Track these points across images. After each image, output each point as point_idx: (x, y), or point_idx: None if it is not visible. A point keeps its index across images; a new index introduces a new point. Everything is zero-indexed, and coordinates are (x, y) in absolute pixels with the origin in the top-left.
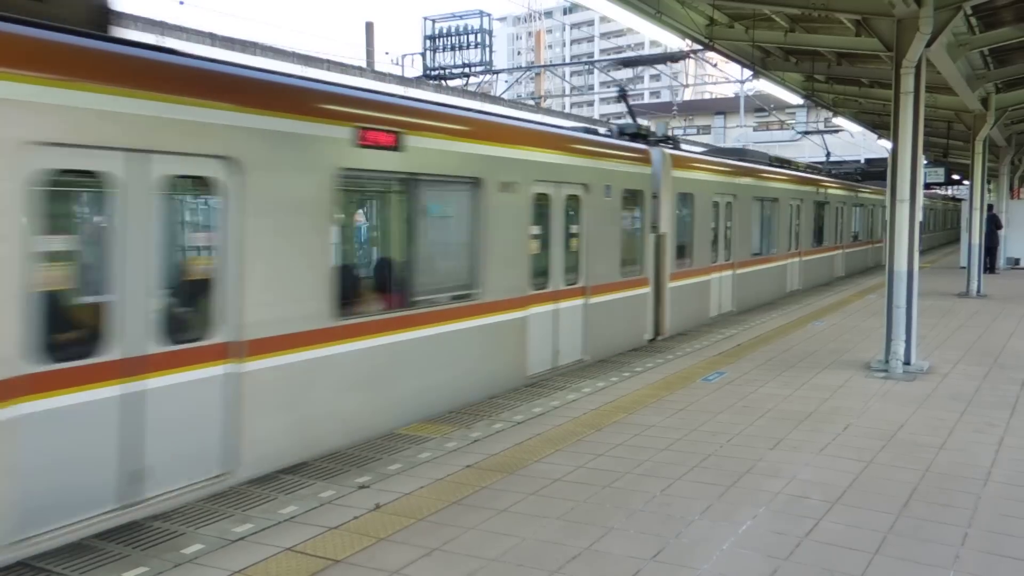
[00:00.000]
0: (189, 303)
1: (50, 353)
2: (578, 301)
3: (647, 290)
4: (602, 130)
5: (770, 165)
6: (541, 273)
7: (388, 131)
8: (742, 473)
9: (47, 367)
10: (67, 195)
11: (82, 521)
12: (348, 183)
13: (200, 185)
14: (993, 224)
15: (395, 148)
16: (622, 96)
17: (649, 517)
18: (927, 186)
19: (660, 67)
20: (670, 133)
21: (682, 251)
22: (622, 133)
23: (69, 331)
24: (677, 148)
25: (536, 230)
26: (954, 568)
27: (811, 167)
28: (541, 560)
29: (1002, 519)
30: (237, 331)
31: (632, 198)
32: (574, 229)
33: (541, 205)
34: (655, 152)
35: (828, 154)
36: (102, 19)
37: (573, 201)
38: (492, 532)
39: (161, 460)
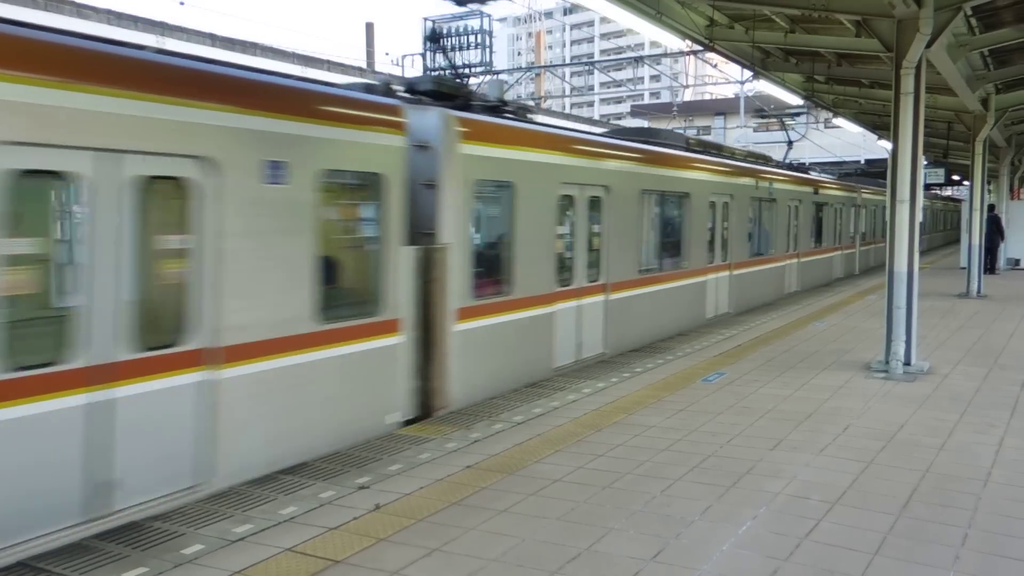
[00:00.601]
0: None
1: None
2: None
3: (393, 340)
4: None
5: (687, 150)
6: None
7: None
8: (742, 474)
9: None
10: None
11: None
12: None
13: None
14: (994, 225)
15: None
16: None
17: (649, 518)
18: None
19: (659, 67)
20: (516, 102)
21: (491, 272)
22: (412, 90)
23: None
24: (523, 119)
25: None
26: (954, 569)
27: (755, 156)
28: (541, 561)
29: (1002, 520)
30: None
31: (360, 187)
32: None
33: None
34: (420, 115)
35: (790, 141)
36: None
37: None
38: (492, 533)
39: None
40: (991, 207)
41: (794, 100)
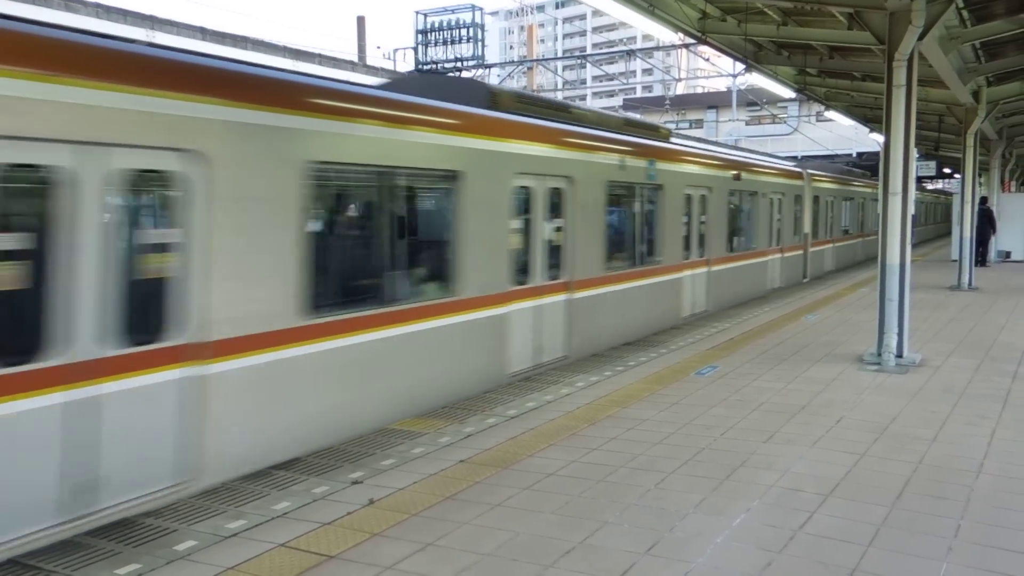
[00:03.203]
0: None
1: None
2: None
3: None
4: None
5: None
6: None
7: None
8: (736, 466)
9: None
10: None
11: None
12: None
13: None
14: (985, 218)
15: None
16: None
17: (643, 511)
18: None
19: (652, 61)
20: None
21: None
22: None
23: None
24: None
25: None
26: (947, 560)
27: (637, 124)
28: (535, 554)
29: (995, 511)
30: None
31: None
32: None
33: None
34: None
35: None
36: None
37: None
38: (486, 527)
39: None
40: (983, 200)
41: (786, 93)
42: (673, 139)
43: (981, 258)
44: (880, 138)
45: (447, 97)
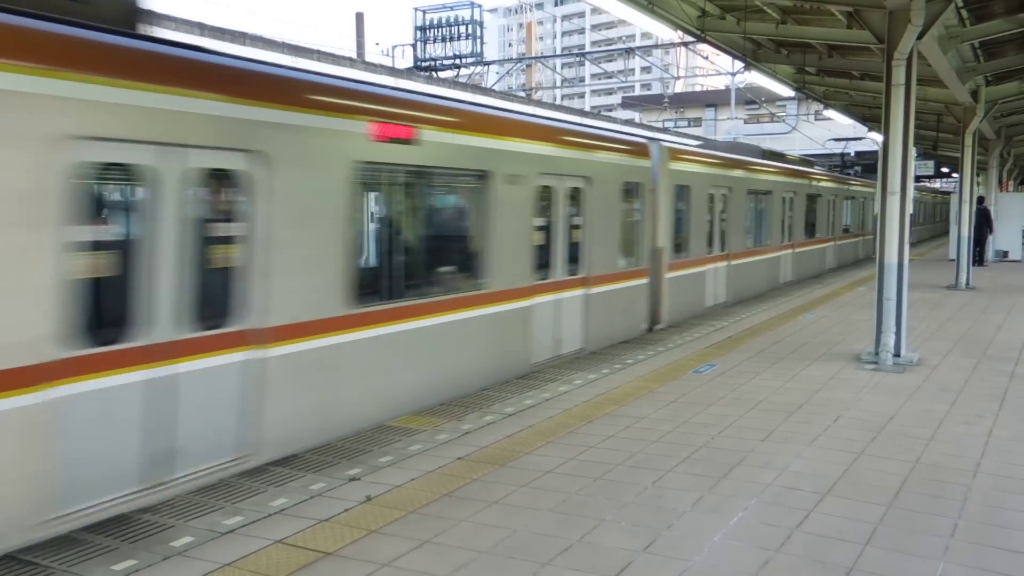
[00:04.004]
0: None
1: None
2: None
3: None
4: None
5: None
6: None
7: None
8: (733, 465)
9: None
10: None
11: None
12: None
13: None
14: (982, 218)
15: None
16: None
17: (641, 509)
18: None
19: (650, 59)
20: None
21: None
22: None
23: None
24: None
25: None
26: (944, 559)
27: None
28: (533, 552)
29: (992, 510)
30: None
31: None
32: None
33: None
34: None
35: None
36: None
37: None
38: (483, 524)
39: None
40: (980, 199)
41: (785, 92)
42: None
43: (979, 257)
44: (878, 137)
45: None
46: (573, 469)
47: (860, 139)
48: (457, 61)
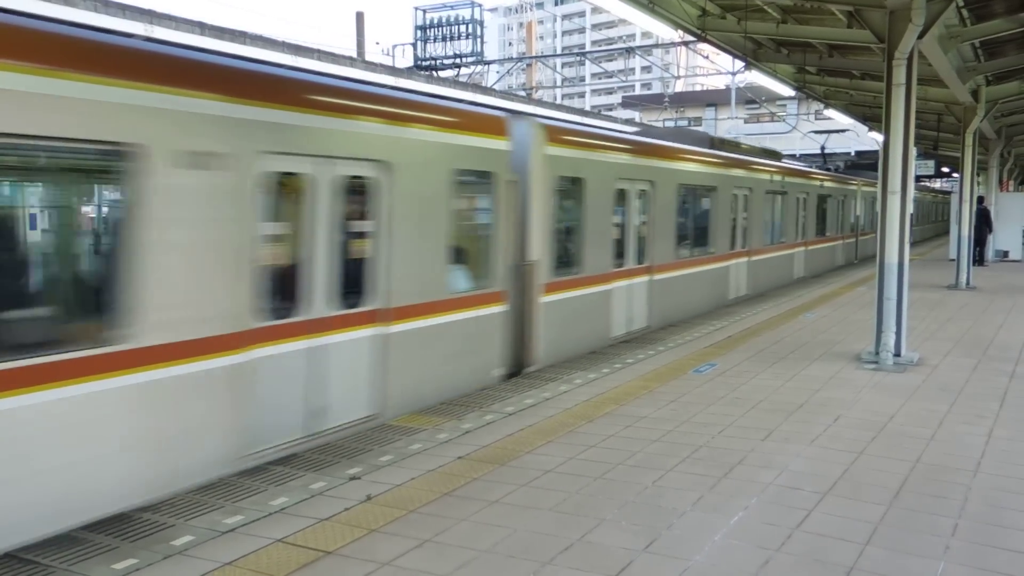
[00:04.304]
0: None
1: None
2: None
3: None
4: None
5: None
6: None
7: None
8: (734, 464)
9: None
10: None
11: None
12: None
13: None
14: (982, 218)
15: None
16: None
17: (641, 508)
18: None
19: (650, 58)
20: None
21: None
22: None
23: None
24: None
25: None
26: (945, 559)
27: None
28: (533, 551)
29: (992, 510)
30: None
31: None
32: None
33: None
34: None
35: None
36: None
37: None
38: (484, 523)
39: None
40: (980, 199)
41: (786, 91)
42: None
43: (979, 257)
44: (879, 136)
45: None
46: (573, 468)
47: (843, 131)
48: (457, 60)
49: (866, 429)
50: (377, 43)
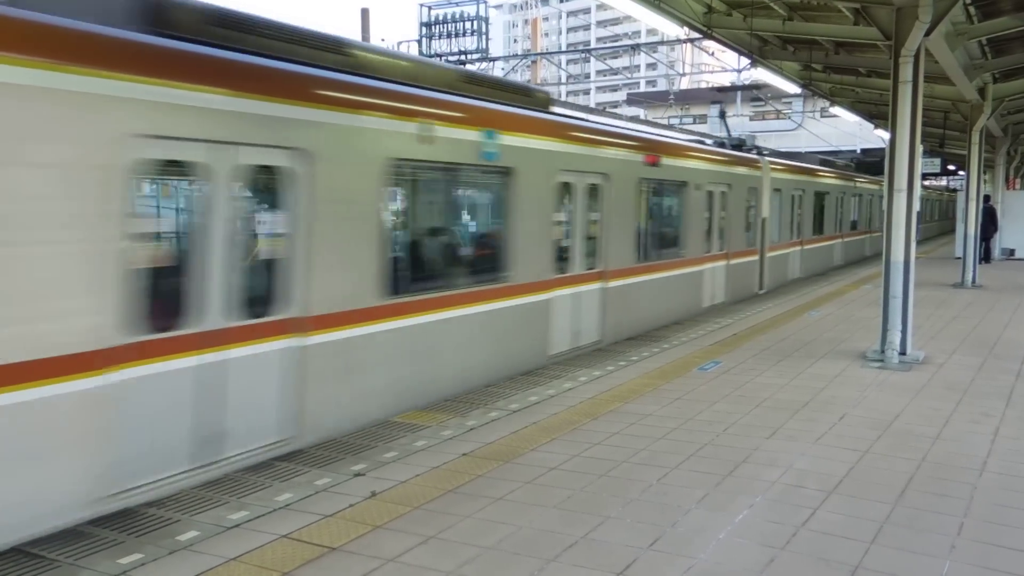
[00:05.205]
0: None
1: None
2: None
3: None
4: None
5: None
6: None
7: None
8: (738, 462)
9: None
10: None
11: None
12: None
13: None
14: (988, 216)
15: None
16: None
17: (645, 506)
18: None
19: (656, 55)
20: None
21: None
22: None
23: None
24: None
25: None
26: (950, 558)
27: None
28: (537, 548)
29: (998, 509)
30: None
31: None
32: None
33: None
34: None
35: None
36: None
37: None
38: (488, 520)
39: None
40: (986, 197)
41: (791, 88)
42: None
43: (985, 255)
44: (885, 134)
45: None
46: (578, 466)
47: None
48: (462, 57)
49: (871, 428)
50: (382, 40)
